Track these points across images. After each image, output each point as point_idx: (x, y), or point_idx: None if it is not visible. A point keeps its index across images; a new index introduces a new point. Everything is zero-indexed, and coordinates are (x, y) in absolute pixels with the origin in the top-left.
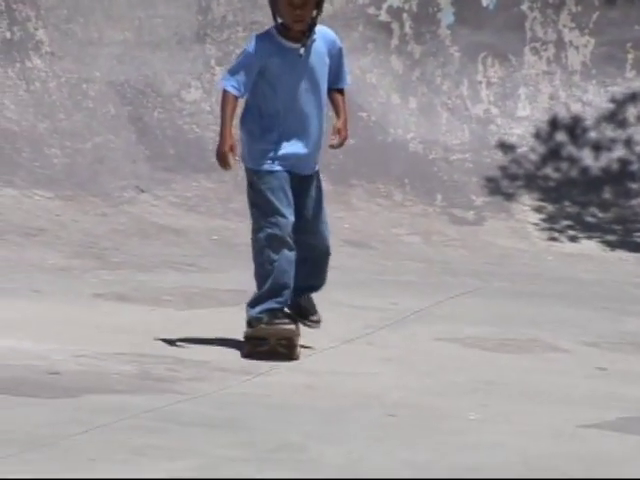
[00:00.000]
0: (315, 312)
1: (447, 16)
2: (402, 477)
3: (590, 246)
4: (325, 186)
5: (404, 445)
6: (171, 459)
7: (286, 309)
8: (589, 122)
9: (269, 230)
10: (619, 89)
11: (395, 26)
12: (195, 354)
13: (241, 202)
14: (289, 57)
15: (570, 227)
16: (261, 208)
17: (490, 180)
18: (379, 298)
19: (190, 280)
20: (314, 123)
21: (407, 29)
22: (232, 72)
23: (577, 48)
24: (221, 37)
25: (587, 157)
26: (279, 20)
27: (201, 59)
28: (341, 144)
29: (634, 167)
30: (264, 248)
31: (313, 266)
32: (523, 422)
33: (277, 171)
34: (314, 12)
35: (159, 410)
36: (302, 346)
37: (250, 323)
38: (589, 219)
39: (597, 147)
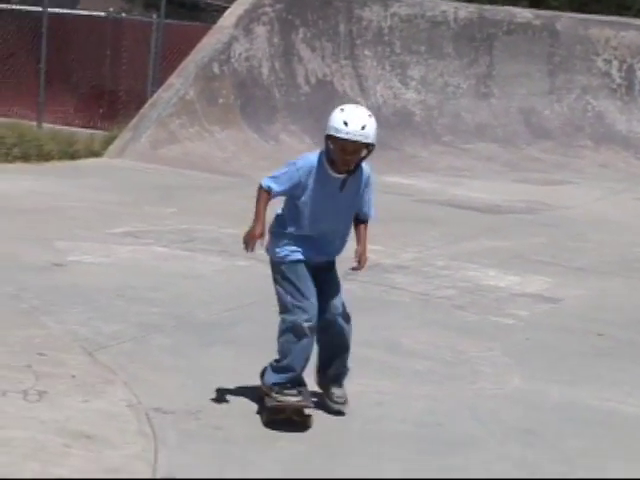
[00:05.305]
0: (340, 394)
1: None
2: None
3: None
4: None
5: None
6: None
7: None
8: None
9: (295, 317)
10: None
11: None
12: None
13: None
14: (329, 185)
15: None
16: (290, 293)
17: None
18: None
19: None
20: (336, 242)
21: None
22: (275, 176)
23: None
24: None
25: None
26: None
27: None
28: (361, 268)
29: None
30: (287, 332)
31: (333, 354)
32: None
33: (301, 260)
34: (364, 153)
35: None
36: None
37: (265, 389)
38: None
39: None
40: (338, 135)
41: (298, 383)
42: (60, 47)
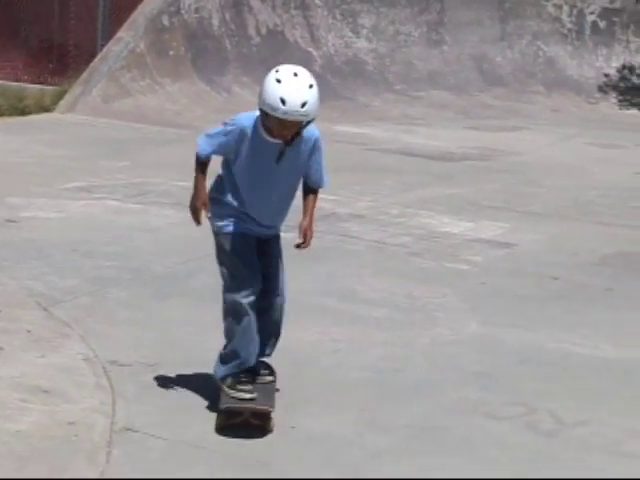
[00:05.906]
0: (271, 373)
1: None
2: None
3: None
4: None
5: None
6: None
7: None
8: None
9: (234, 295)
10: None
11: None
12: None
13: None
14: (266, 152)
15: None
16: (229, 269)
17: None
18: None
19: None
20: (281, 210)
21: None
22: (208, 136)
23: None
24: None
25: None
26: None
27: None
28: (307, 245)
29: None
30: (228, 313)
31: (270, 326)
32: None
33: (242, 233)
34: (304, 122)
35: None
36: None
37: (218, 384)
38: None
39: None
40: (274, 114)
41: (256, 372)
42: (7, 1)
